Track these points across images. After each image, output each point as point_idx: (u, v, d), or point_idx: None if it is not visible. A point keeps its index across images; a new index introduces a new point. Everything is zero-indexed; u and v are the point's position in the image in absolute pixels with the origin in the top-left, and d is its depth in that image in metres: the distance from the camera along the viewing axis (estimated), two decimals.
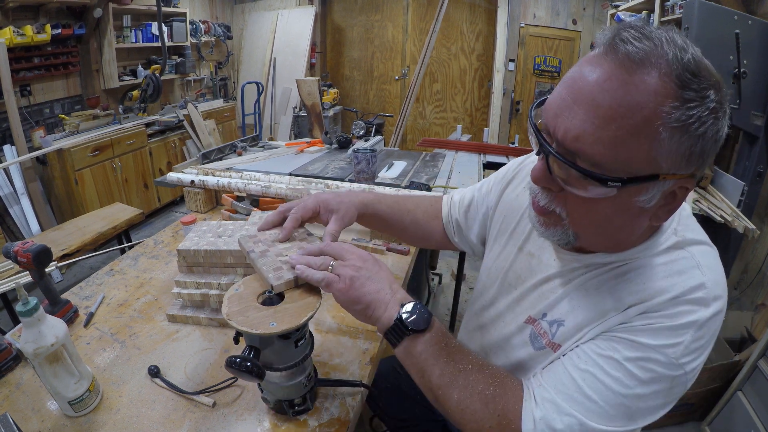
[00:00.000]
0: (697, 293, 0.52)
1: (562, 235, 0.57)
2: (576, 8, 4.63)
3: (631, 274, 0.57)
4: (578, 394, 0.54)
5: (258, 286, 0.70)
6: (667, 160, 0.45)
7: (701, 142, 0.45)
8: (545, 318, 0.65)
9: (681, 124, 0.43)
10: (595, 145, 0.45)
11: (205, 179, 1.52)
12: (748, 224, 1.87)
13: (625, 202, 0.49)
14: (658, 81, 0.43)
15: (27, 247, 0.87)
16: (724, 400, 1.69)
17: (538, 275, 0.69)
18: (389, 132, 4.95)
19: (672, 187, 0.48)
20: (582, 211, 0.52)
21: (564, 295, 0.64)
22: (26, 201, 2.97)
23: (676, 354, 0.51)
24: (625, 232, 0.55)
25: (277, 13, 5.06)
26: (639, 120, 0.43)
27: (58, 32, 3.13)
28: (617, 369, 0.53)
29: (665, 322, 0.52)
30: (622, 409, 0.53)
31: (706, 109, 0.43)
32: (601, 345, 0.55)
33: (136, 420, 0.71)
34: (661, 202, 0.50)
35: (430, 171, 1.99)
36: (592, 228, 0.55)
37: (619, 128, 0.44)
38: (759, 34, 1.97)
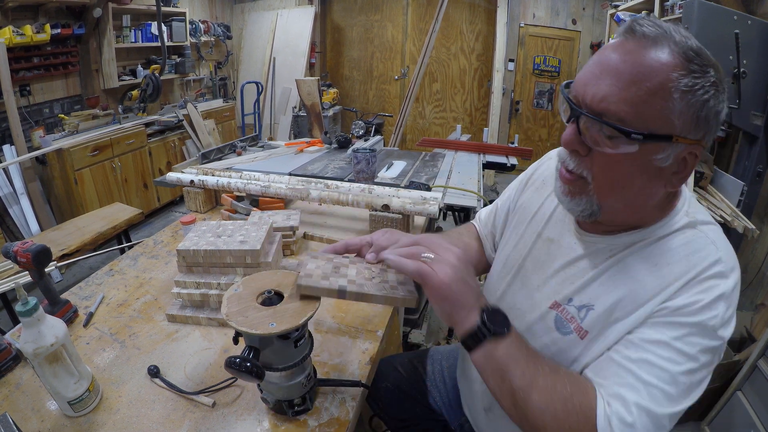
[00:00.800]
0: (717, 267, 0.57)
1: (586, 204, 0.61)
2: (576, 8, 4.63)
3: (655, 257, 0.61)
4: (639, 383, 0.57)
5: (258, 286, 0.70)
6: (679, 120, 0.52)
7: (706, 108, 0.52)
8: (572, 303, 0.66)
9: (689, 89, 0.51)
10: (620, 103, 0.53)
11: (205, 179, 1.52)
12: (747, 224, 1.87)
13: (644, 160, 0.55)
14: (669, 54, 0.52)
15: (27, 247, 0.87)
16: (724, 400, 1.69)
17: (560, 260, 0.70)
18: (389, 132, 4.95)
19: (683, 152, 0.55)
20: (607, 171, 0.58)
21: (592, 279, 0.65)
22: (26, 201, 2.97)
23: (714, 325, 0.56)
24: (644, 196, 0.59)
25: (277, 12, 5.06)
26: (655, 83, 0.52)
27: (57, 32, 3.13)
28: (667, 350, 0.56)
29: (700, 300, 0.56)
30: (680, 387, 0.56)
31: (708, 81, 0.52)
32: (647, 332, 0.58)
33: (136, 420, 0.71)
34: (674, 167, 0.56)
35: (429, 171, 1.99)
36: (616, 190, 0.59)
37: (639, 89, 0.52)
38: (759, 34, 1.97)
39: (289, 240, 1.22)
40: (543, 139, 5.22)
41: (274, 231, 1.11)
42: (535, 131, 5.21)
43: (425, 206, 1.28)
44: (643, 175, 0.57)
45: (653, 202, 0.61)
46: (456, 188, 1.76)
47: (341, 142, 2.33)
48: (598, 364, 0.62)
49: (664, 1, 2.75)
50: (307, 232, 1.34)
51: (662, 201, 0.61)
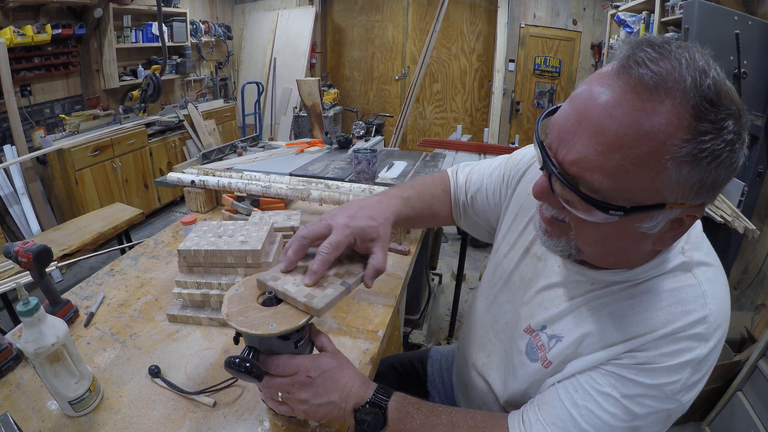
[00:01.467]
0: (698, 328, 0.51)
1: (565, 246, 0.56)
2: (576, 8, 4.63)
3: (635, 300, 0.55)
4: (575, 428, 0.55)
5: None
6: (673, 192, 0.43)
7: (713, 174, 0.42)
8: (545, 330, 0.64)
9: (692, 158, 0.41)
10: (595, 172, 0.43)
11: (206, 179, 1.52)
12: (748, 224, 1.87)
13: (627, 227, 0.48)
14: (672, 111, 0.40)
15: (27, 247, 0.87)
16: (724, 400, 1.69)
17: (542, 280, 0.68)
18: (389, 132, 4.95)
19: (679, 215, 0.47)
20: (585, 229, 0.51)
21: (568, 311, 0.62)
22: (26, 201, 2.97)
23: (673, 390, 0.51)
24: (628, 253, 0.54)
25: (277, 13, 5.06)
26: (645, 151, 0.41)
27: (58, 32, 3.13)
28: (615, 406, 0.53)
29: (664, 362, 0.51)
30: None
31: (722, 142, 0.41)
32: (599, 380, 0.55)
33: (137, 420, 0.71)
34: (666, 228, 0.48)
35: (430, 171, 1.99)
36: (596, 246, 0.54)
37: (623, 158, 0.42)
38: (759, 35, 1.97)
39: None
40: None
41: (275, 231, 1.12)
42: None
43: None
44: (626, 239, 0.50)
45: (641, 255, 0.55)
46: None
47: (342, 142, 2.33)
48: (544, 396, 0.60)
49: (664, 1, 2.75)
50: None
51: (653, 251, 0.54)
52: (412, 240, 1.33)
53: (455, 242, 3.48)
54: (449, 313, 2.47)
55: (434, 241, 2.34)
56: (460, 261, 2.23)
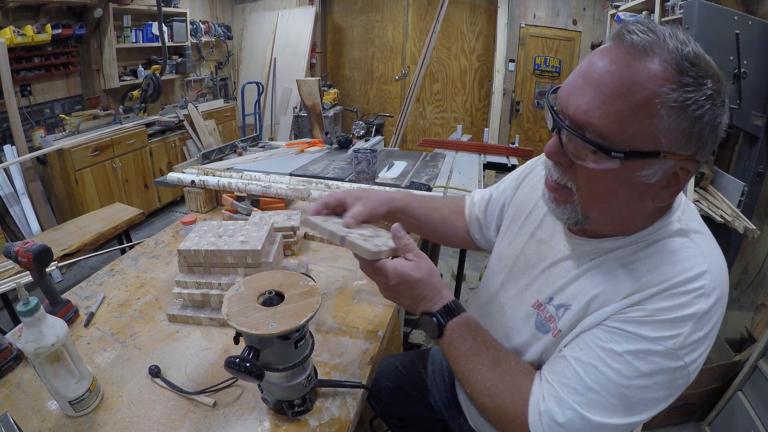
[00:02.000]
0: (697, 282, 0.54)
1: (571, 212, 0.60)
2: (576, 8, 4.63)
3: (636, 262, 0.58)
4: (580, 386, 0.56)
5: (259, 286, 0.70)
6: (666, 137, 0.49)
7: (699, 124, 0.49)
8: (551, 302, 0.66)
9: (678, 104, 0.48)
10: (602, 118, 0.50)
11: (206, 179, 1.52)
12: (748, 224, 1.87)
13: (628, 176, 0.53)
14: (659, 66, 0.48)
15: (27, 247, 0.87)
16: (725, 400, 1.69)
17: (548, 260, 0.70)
18: (389, 132, 4.95)
19: (673, 168, 0.52)
20: (590, 184, 0.56)
21: (573, 279, 0.65)
22: (26, 201, 2.97)
23: (675, 345, 0.53)
24: (630, 210, 0.57)
25: (278, 13, 5.06)
26: (640, 98, 0.48)
27: (58, 32, 3.13)
28: (618, 361, 0.54)
29: (665, 315, 0.53)
30: (624, 401, 0.54)
31: (703, 95, 0.48)
32: (602, 337, 0.57)
33: (137, 420, 0.71)
34: (663, 182, 0.53)
35: (430, 171, 1.99)
36: (600, 203, 0.57)
37: (622, 104, 0.49)
38: (759, 35, 1.97)
39: (290, 240, 1.22)
40: (543, 139, 5.21)
41: (275, 231, 1.12)
42: (536, 132, 5.21)
43: None
44: (628, 190, 0.55)
45: (644, 212, 0.58)
46: (457, 188, 1.76)
47: (342, 142, 2.33)
48: (553, 359, 0.63)
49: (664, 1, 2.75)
50: (308, 233, 1.34)
51: (652, 211, 0.59)
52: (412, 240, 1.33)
53: None
54: None
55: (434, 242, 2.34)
56: (460, 261, 2.23)
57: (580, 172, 0.56)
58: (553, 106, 0.56)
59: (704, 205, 2.05)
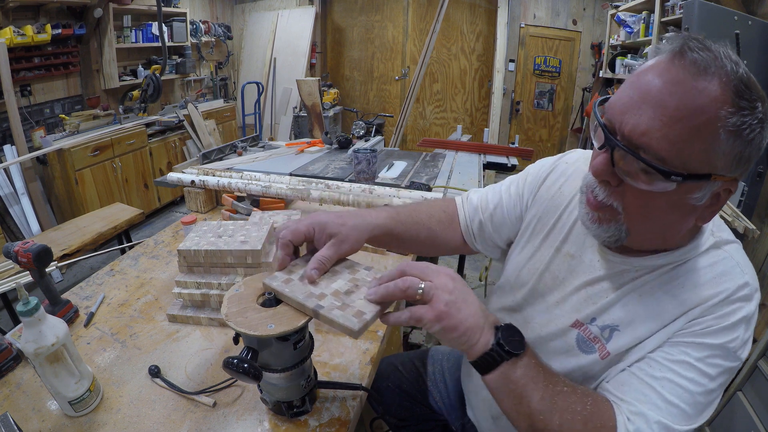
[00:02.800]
0: (743, 291, 0.58)
1: (615, 231, 0.59)
2: (576, 8, 4.63)
3: (681, 279, 0.60)
4: (661, 401, 0.57)
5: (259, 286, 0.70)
6: (721, 161, 0.49)
7: (750, 147, 0.49)
8: (594, 323, 0.65)
9: (736, 128, 0.47)
10: (662, 141, 0.49)
11: (206, 179, 1.52)
12: (748, 224, 1.87)
13: (680, 198, 0.53)
14: (719, 88, 0.47)
15: (27, 246, 0.87)
16: (724, 400, 1.69)
17: (582, 277, 0.68)
18: (389, 132, 4.95)
19: (719, 188, 0.53)
20: (639, 204, 0.55)
21: (616, 299, 0.64)
22: (26, 201, 2.97)
23: (735, 347, 0.57)
24: (673, 229, 0.58)
25: (277, 13, 5.06)
26: (702, 121, 0.47)
27: (58, 32, 3.13)
28: (690, 370, 0.57)
29: (722, 323, 0.57)
30: (699, 407, 0.58)
31: (755, 118, 0.48)
32: (671, 351, 0.59)
33: (137, 420, 0.71)
34: (707, 203, 0.54)
35: (430, 171, 1.99)
36: (646, 223, 0.57)
37: (684, 128, 0.48)
38: (759, 35, 1.97)
39: None
40: (543, 139, 5.22)
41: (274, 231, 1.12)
42: (536, 132, 5.21)
43: None
44: (676, 211, 0.55)
45: (683, 232, 0.59)
46: (457, 189, 1.76)
47: (342, 142, 2.33)
48: (619, 380, 0.61)
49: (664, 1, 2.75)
50: None
51: (691, 228, 0.59)
52: None
53: None
54: None
55: None
56: (460, 261, 2.23)
57: (629, 192, 0.55)
58: (607, 127, 0.54)
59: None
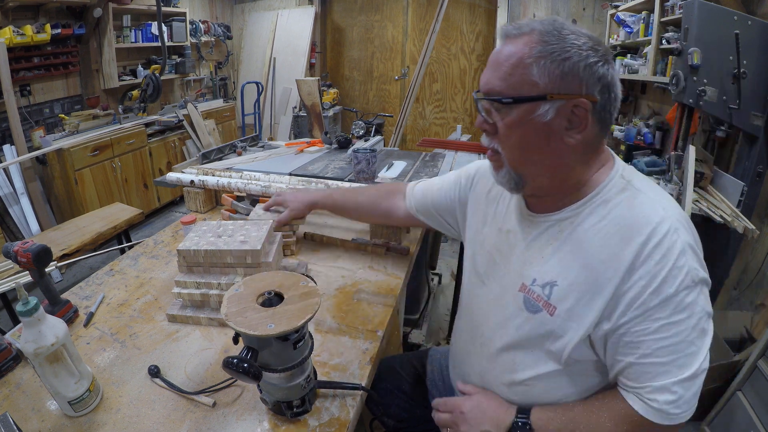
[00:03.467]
0: (665, 226, 0.62)
1: (506, 174, 0.71)
2: (576, 8, 4.63)
3: (603, 227, 0.66)
4: (668, 365, 0.62)
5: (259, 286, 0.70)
6: (542, 80, 0.63)
7: (567, 63, 0.62)
8: (535, 283, 0.72)
9: (543, 53, 0.62)
10: (496, 82, 0.66)
11: (205, 179, 1.52)
12: (747, 224, 1.87)
13: (528, 119, 0.65)
14: (527, 38, 0.64)
15: (27, 246, 0.87)
16: (724, 400, 1.69)
17: (519, 245, 0.77)
18: (389, 132, 4.95)
19: (567, 107, 0.63)
20: (506, 139, 0.68)
21: (550, 256, 0.71)
22: (26, 201, 2.97)
23: (691, 279, 0.62)
24: (550, 155, 0.67)
25: (277, 13, 5.06)
26: (515, 60, 0.64)
27: (57, 32, 3.13)
28: (669, 328, 0.62)
29: (665, 269, 0.61)
30: (696, 341, 0.63)
31: (568, 44, 0.62)
32: (645, 326, 0.63)
33: (137, 420, 0.71)
34: (564, 123, 0.64)
35: (429, 171, 1.99)
36: (519, 152, 0.69)
37: (505, 69, 0.65)
38: (759, 35, 1.96)
39: (290, 240, 1.22)
40: None
41: (274, 231, 1.12)
42: None
43: None
44: (535, 133, 0.65)
45: (567, 162, 0.68)
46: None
47: (341, 142, 2.33)
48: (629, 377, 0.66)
49: (664, 1, 2.75)
50: (308, 232, 1.34)
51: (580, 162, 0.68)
52: (412, 240, 1.33)
53: (455, 242, 3.48)
54: (449, 313, 2.47)
55: (434, 241, 2.34)
56: (460, 261, 2.23)
57: (501, 133, 0.69)
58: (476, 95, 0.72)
59: (704, 204, 2.05)
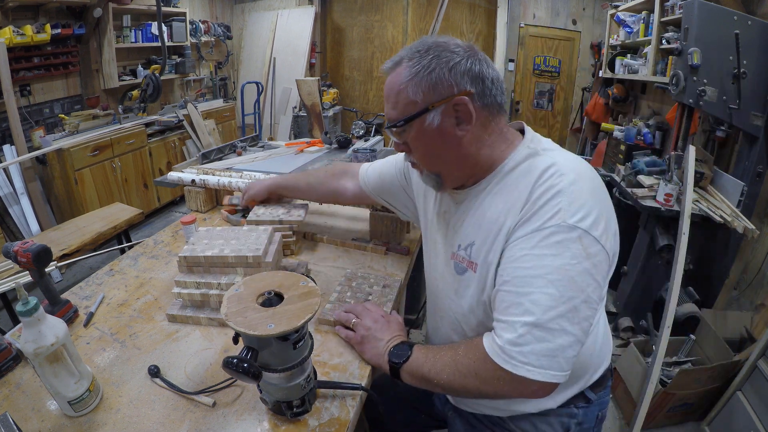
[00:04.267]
0: (551, 170, 0.67)
1: (427, 177, 0.79)
2: (576, 8, 4.63)
3: (507, 188, 0.72)
4: (515, 297, 0.64)
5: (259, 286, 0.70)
6: (418, 97, 0.70)
7: (433, 75, 0.68)
8: (460, 248, 0.78)
9: (411, 76, 0.70)
10: (389, 112, 0.75)
11: (206, 178, 1.52)
12: (747, 224, 1.87)
13: (424, 130, 0.72)
14: (399, 69, 0.71)
15: (27, 246, 0.87)
16: (724, 400, 1.69)
17: (450, 221, 0.83)
18: None
19: (448, 108, 0.70)
20: (417, 149, 0.76)
21: (465, 222, 0.78)
22: (26, 201, 2.97)
23: (560, 219, 0.62)
24: (454, 150, 0.73)
25: (277, 13, 5.06)
26: (395, 90, 0.72)
27: (57, 32, 3.13)
28: (530, 260, 0.63)
29: (538, 203, 0.65)
30: (556, 286, 0.61)
31: (427, 60, 0.69)
32: (510, 254, 0.67)
33: (136, 420, 0.71)
34: (453, 121, 0.71)
35: None
36: (429, 157, 0.76)
37: (391, 99, 0.73)
38: (759, 35, 1.96)
39: (290, 240, 1.22)
40: None
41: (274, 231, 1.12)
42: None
43: None
44: (433, 138, 0.72)
45: (471, 152, 0.73)
46: None
47: (341, 142, 2.33)
48: (495, 303, 0.69)
49: (664, 1, 2.75)
50: (308, 232, 1.34)
51: (485, 148, 0.74)
52: (412, 240, 1.33)
53: None
54: None
55: None
56: None
57: (412, 149, 0.76)
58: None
59: (704, 204, 2.05)
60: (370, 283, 1.07)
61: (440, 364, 0.73)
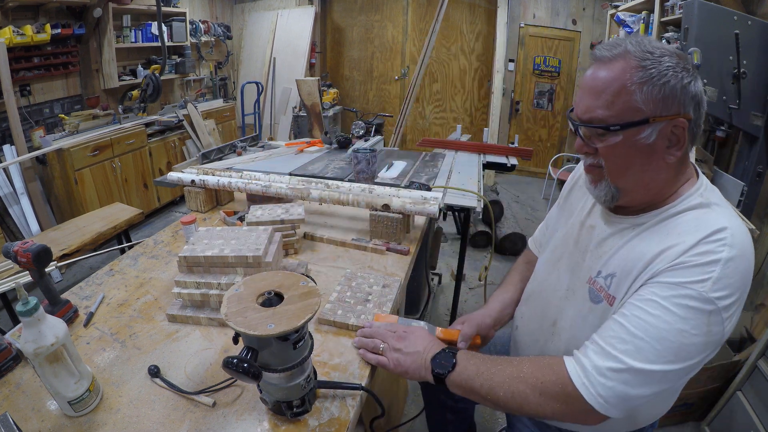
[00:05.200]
0: (721, 234, 0.63)
1: (605, 188, 0.74)
2: (576, 8, 4.63)
3: (668, 228, 0.69)
4: (625, 334, 0.64)
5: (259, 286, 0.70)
6: (646, 105, 0.65)
7: (667, 87, 0.64)
8: (600, 275, 0.77)
9: (644, 79, 0.65)
10: (599, 110, 0.69)
11: (206, 178, 1.52)
12: (747, 224, 1.87)
13: (633, 142, 0.68)
14: (622, 64, 0.66)
15: (27, 246, 0.87)
16: (724, 400, 1.69)
17: (595, 241, 0.81)
18: (389, 132, 4.95)
19: (667, 128, 0.66)
20: (611, 159, 0.71)
21: (616, 251, 0.75)
22: (26, 201, 2.97)
23: (705, 288, 0.61)
24: (649, 172, 0.70)
25: (277, 13, 5.06)
26: (617, 87, 0.66)
27: (57, 32, 3.13)
28: (657, 308, 0.63)
29: (693, 261, 0.62)
30: (665, 345, 0.62)
31: (664, 67, 0.64)
32: (642, 292, 0.66)
33: (136, 420, 0.71)
34: (665, 143, 0.67)
35: (429, 171, 1.99)
36: (622, 170, 0.71)
37: (607, 96, 0.67)
38: (759, 35, 1.97)
39: (290, 240, 1.22)
40: (543, 139, 5.21)
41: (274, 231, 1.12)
42: (536, 131, 5.21)
43: (425, 206, 1.28)
44: (637, 153, 0.68)
45: (662, 177, 0.70)
46: (456, 188, 1.76)
47: (341, 142, 2.33)
48: (602, 329, 0.69)
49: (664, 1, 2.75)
50: (308, 232, 1.34)
51: (671, 177, 0.71)
52: (412, 240, 1.33)
53: (455, 242, 3.47)
54: (449, 313, 2.47)
55: (434, 241, 2.34)
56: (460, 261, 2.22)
57: (602, 153, 0.71)
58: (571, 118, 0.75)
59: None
60: (370, 283, 1.06)
61: (498, 378, 0.73)
